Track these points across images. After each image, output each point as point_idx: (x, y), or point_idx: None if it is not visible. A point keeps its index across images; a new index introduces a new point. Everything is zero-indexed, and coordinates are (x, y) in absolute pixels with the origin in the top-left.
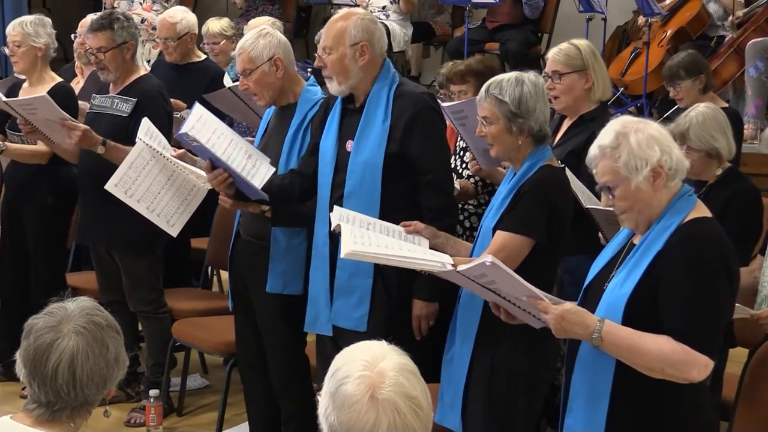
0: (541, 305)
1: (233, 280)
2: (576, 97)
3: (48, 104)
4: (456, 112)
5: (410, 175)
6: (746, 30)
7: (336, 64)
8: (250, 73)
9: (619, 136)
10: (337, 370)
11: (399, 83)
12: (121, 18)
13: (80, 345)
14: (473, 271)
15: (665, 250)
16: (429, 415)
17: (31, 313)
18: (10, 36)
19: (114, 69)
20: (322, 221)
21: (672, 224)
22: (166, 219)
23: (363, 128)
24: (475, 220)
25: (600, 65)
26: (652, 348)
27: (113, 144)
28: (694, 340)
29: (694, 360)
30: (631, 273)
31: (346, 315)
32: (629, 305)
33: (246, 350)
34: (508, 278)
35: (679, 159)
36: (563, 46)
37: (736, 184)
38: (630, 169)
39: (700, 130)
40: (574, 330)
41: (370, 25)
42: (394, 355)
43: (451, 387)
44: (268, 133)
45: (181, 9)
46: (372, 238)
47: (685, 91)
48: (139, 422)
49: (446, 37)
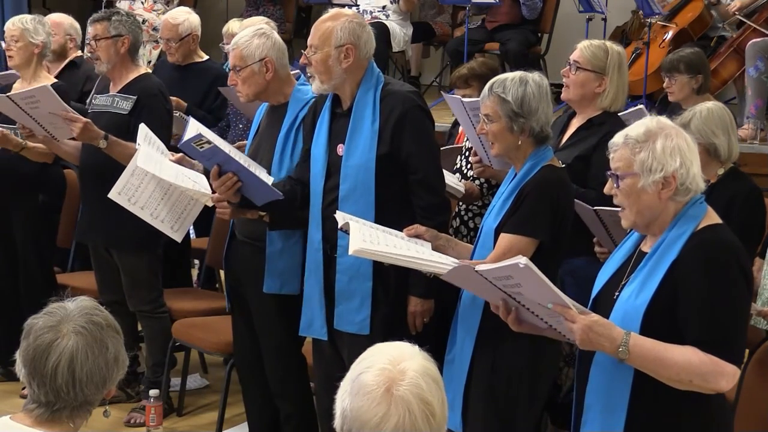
0: (568, 314)
1: (229, 281)
2: (584, 95)
3: (50, 95)
4: (475, 109)
5: (402, 174)
6: (746, 30)
7: (320, 64)
8: (240, 70)
9: (649, 134)
10: (363, 360)
11: (384, 83)
12: (121, 13)
13: (80, 345)
14: (498, 272)
15: (681, 259)
16: (441, 426)
17: (21, 312)
18: (9, 30)
19: (106, 60)
20: (316, 226)
21: (685, 232)
22: (170, 225)
23: (353, 131)
24: (479, 220)
25: (621, 77)
26: (679, 360)
27: (115, 139)
28: (720, 350)
29: (722, 370)
30: (647, 282)
31: (348, 319)
32: (647, 315)
33: (243, 350)
34: (537, 283)
35: (696, 178)
36: (596, 42)
37: (738, 184)
38: (644, 168)
39: (702, 123)
40: (600, 342)
41: (357, 28)
42: (420, 358)
43: (452, 387)
44: (260, 133)
45: (185, 10)
46: (380, 237)
47: (678, 85)
48: (139, 422)
49: (446, 37)
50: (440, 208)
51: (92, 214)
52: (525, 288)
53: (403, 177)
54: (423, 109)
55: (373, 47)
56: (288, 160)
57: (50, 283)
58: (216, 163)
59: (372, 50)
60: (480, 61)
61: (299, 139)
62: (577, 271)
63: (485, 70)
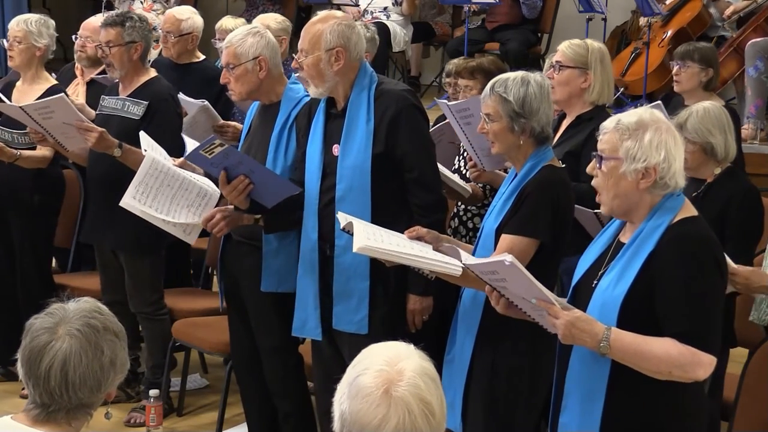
0: (552, 310)
1: (225, 281)
2: (570, 93)
3: (65, 105)
4: (461, 111)
5: (398, 173)
6: (746, 30)
7: (311, 68)
8: (233, 68)
9: (640, 124)
10: (359, 362)
11: (378, 83)
12: (134, 18)
13: (73, 348)
14: (484, 267)
15: (657, 251)
16: (441, 424)
17: (19, 313)
18: (12, 31)
19: (119, 66)
20: (312, 226)
21: (662, 224)
22: (183, 228)
23: (348, 132)
24: (479, 221)
25: (605, 70)
26: (658, 352)
27: (129, 147)
28: (698, 340)
29: (699, 360)
30: (624, 273)
31: (347, 319)
32: (624, 306)
33: (241, 350)
34: (521, 279)
35: (676, 175)
36: (575, 41)
37: (735, 183)
38: (628, 155)
39: (699, 122)
40: (582, 337)
41: (346, 30)
42: (417, 358)
43: (451, 387)
44: (252, 132)
45: (191, 10)
46: (384, 236)
47: (688, 75)
48: (139, 422)
49: (446, 37)
50: (437, 205)
51: (99, 216)
52: (509, 284)
53: (399, 176)
54: (417, 107)
55: (363, 48)
56: (282, 159)
57: (48, 284)
58: (224, 167)
59: (363, 51)
60: (490, 59)
61: (292, 138)
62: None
63: (493, 68)
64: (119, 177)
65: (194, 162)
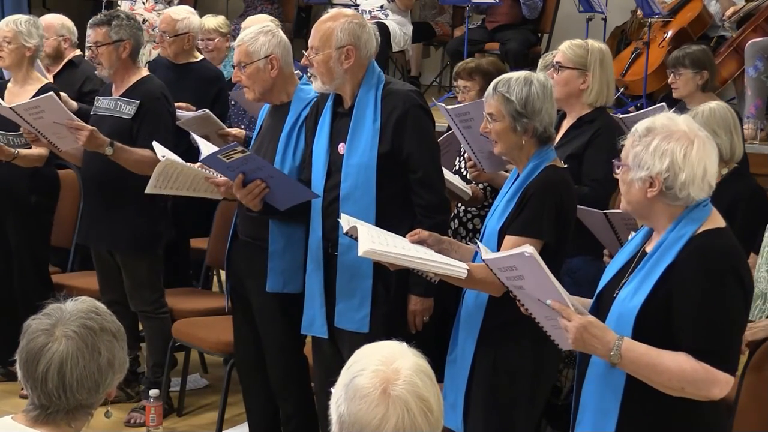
0: (565, 311)
1: (231, 281)
2: (569, 93)
3: (55, 104)
4: (461, 114)
5: (403, 173)
6: (746, 30)
7: (321, 65)
8: (245, 66)
9: (650, 130)
10: (354, 363)
11: (385, 83)
12: (121, 16)
13: (70, 350)
14: (504, 261)
15: (677, 263)
16: (439, 420)
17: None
18: (2, 32)
19: (108, 65)
20: (316, 224)
21: (684, 235)
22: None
23: (354, 130)
24: (479, 222)
25: (604, 71)
26: (671, 366)
27: (120, 145)
28: (714, 358)
29: (715, 378)
30: (642, 284)
31: (348, 317)
32: (639, 318)
33: (244, 350)
34: (540, 276)
35: (687, 187)
36: (576, 42)
37: (741, 184)
38: (634, 162)
39: (703, 123)
40: (593, 344)
41: (357, 28)
42: (411, 356)
43: (453, 387)
44: (263, 133)
45: (189, 10)
46: (388, 238)
47: (683, 81)
48: (139, 422)
49: (446, 37)
50: (440, 207)
51: (94, 216)
52: (527, 281)
53: (404, 176)
54: (424, 108)
55: (373, 47)
56: (290, 159)
57: (46, 284)
58: (242, 172)
59: (373, 50)
60: (490, 60)
61: (301, 138)
62: (576, 271)
63: (492, 69)
64: (113, 176)
65: (209, 165)
